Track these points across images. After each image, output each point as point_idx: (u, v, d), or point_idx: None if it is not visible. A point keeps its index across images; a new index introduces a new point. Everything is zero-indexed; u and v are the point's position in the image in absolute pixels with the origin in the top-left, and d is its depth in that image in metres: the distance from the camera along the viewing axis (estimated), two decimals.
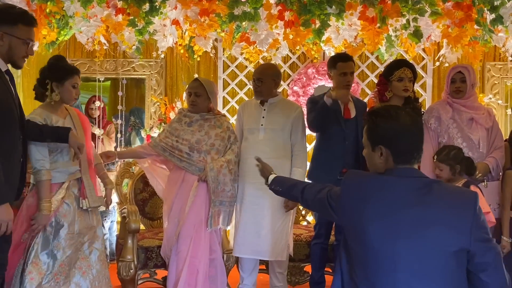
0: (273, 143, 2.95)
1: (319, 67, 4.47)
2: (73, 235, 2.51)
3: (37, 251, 2.42)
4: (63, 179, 2.53)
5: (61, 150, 2.53)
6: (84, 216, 2.58)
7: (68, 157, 2.54)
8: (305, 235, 3.28)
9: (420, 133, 1.55)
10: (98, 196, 2.64)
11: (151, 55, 4.56)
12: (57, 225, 2.47)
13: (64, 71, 2.53)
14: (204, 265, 2.80)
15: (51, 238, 2.46)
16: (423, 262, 1.40)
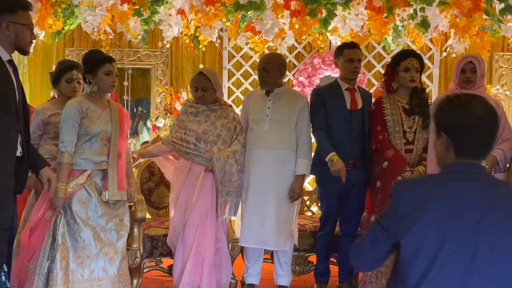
0: (278, 134, 2.95)
1: (325, 57, 4.45)
2: (93, 221, 2.57)
3: (64, 234, 2.51)
4: (86, 167, 2.60)
5: (90, 139, 2.59)
6: (106, 206, 2.63)
7: (97, 147, 2.61)
8: (310, 226, 3.29)
9: (492, 126, 1.35)
10: (120, 191, 2.65)
11: (157, 45, 4.56)
12: (77, 211, 2.54)
13: (94, 62, 2.61)
14: (210, 254, 2.82)
15: (72, 223, 2.53)
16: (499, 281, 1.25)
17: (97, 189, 2.61)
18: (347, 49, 3.02)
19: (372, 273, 2.90)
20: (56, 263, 2.47)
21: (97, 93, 2.64)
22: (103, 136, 2.61)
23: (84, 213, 2.56)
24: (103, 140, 2.62)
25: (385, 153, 2.90)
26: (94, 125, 2.57)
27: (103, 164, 2.62)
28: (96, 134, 2.58)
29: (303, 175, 2.98)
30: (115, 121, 2.67)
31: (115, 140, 2.65)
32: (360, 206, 3.08)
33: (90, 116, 2.59)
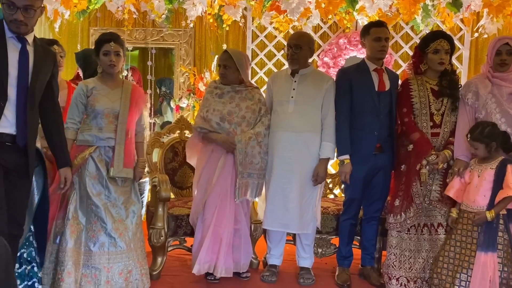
0: (303, 116, 2.90)
1: (351, 37, 4.34)
2: (104, 197, 2.65)
3: (76, 208, 2.60)
4: (93, 143, 2.67)
5: (95, 116, 2.67)
6: (115, 182, 2.69)
7: (102, 124, 2.68)
8: (333, 208, 3.27)
9: None
10: (126, 168, 2.69)
11: (180, 24, 4.54)
12: (89, 186, 2.62)
13: (96, 44, 2.71)
14: (228, 234, 2.83)
15: (85, 198, 2.62)
16: None
17: (106, 165, 2.68)
18: (374, 28, 2.94)
19: (396, 257, 2.87)
20: (66, 236, 2.55)
21: (106, 74, 2.72)
22: (109, 113, 2.68)
23: (95, 188, 2.64)
24: (108, 117, 2.68)
25: (410, 136, 2.84)
26: (98, 102, 2.66)
27: (109, 140, 2.68)
28: (100, 112, 2.66)
29: (327, 159, 2.94)
30: (124, 99, 2.72)
31: (123, 118, 2.69)
32: (384, 190, 3.04)
33: (94, 95, 2.68)
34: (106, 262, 2.61)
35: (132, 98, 2.76)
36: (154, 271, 2.98)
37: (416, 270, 2.85)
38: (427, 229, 2.87)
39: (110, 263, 2.61)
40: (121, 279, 2.64)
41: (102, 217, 2.61)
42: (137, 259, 2.71)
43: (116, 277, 2.63)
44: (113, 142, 2.68)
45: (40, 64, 2.20)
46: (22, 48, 2.14)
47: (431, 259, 2.85)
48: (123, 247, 2.65)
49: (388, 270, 2.89)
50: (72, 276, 2.51)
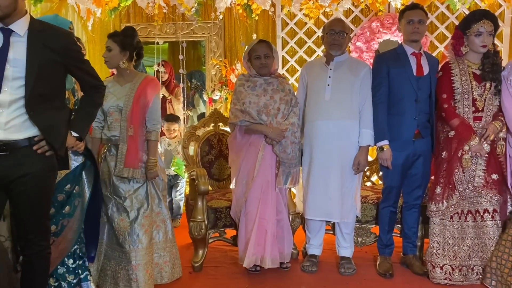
0: (341, 103, 2.87)
1: (384, 20, 4.21)
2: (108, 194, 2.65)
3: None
4: (104, 142, 2.72)
5: (105, 115, 2.68)
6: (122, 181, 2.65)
7: (109, 122, 2.67)
8: (372, 197, 3.23)
9: None
10: (128, 167, 2.61)
11: (210, 17, 4.53)
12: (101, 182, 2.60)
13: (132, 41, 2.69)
14: (272, 226, 2.85)
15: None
16: None
17: (114, 163, 2.64)
18: (407, 11, 2.87)
19: (439, 245, 2.81)
20: None
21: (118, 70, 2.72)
22: (114, 111, 2.65)
23: (105, 185, 2.65)
24: (114, 115, 2.65)
25: (450, 122, 2.76)
26: (105, 101, 2.60)
27: (115, 139, 2.65)
28: (105, 110, 2.66)
29: (367, 146, 2.90)
30: (128, 96, 2.64)
31: (125, 115, 2.62)
32: (425, 177, 2.97)
33: (106, 94, 2.56)
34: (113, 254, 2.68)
35: (137, 92, 2.65)
36: (196, 263, 3.04)
37: (461, 258, 2.79)
38: (472, 216, 2.79)
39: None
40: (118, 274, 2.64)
41: (109, 213, 2.63)
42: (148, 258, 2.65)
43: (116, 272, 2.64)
44: (117, 140, 2.64)
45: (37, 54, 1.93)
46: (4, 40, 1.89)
47: (476, 246, 2.78)
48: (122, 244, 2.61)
49: (431, 258, 2.83)
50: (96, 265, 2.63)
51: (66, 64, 2.03)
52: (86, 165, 2.36)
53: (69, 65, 2.05)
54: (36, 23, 1.98)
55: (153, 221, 2.73)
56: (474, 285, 2.77)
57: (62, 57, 2.00)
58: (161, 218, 2.79)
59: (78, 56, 2.11)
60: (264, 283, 2.84)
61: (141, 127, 2.67)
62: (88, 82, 2.17)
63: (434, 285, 2.79)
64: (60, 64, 2.01)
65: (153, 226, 2.72)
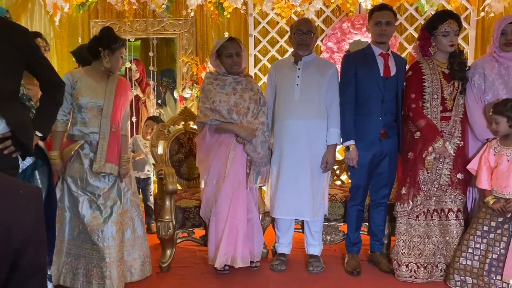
0: (310, 103, 2.88)
1: (355, 21, 4.25)
2: (80, 191, 2.62)
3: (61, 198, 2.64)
4: (78, 138, 2.66)
5: (79, 110, 2.64)
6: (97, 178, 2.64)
7: (86, 118, 2.64)
8: (340, 195, 3.26)
9: None
10: (108, 163, 2.62)
11: (181, 14, 4.49)
12: (71, 181, 2.64)
13: (117, 41, 2.67)
14: (243, 225, 2.84)
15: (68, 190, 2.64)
16: None
17: (91, 160, 2.64)
18: (375, 12, 2.89)
19: (405, 243, 2.86)
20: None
21: (95, 66, 2.70)
22: (92, 107, 2.63)
23: (75, 182, 2.63)
24: (92, 111, 2.63)
25: (417, 123, 2.80)
26: (82, 96, 2.61)
27: (93, 135, 2.64)
28: (83, 105, 2.62)
29: (335, 145, 2.93)
30: (109, 93, 2.66)
31: (107, 112, 2.64)
32: (391, 176, 3.02)
33: (78, 88, 2.63)
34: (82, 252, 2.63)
35: (117, 91, 2.70)
36: (163, 263, 3.00)
37: (426, 256, 2.84)
38: (437, 215, 2.85)
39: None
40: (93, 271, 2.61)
41: (80, 211, 2.60)
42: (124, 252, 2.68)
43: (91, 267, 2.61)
44: (97, 136, 2.64)
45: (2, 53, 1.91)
46: None
47: (441, 244, 2.84)
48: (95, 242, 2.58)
49: (397, 256, 2.88)
50: (55, 264, 2.57)
51: (28, 60, 1.98)
52: (38, 165, 2.28)
53: (30, 61, 2.00)
54: None
55: (123, 219, 2.71)
56: (438, 282, 2.83)
57: (24, 53, 1.96)
58: (129, 215, 2.77)
59: (39, 52, 2.07)
60: (232, 283, 2.83)
61: (120, 125, 2.72)
62: (50, 79, 2.13)
63: (400, 282, 2.84)
64: (22, 61, 1.97)
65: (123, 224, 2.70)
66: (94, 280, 2.57)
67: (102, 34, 2.70)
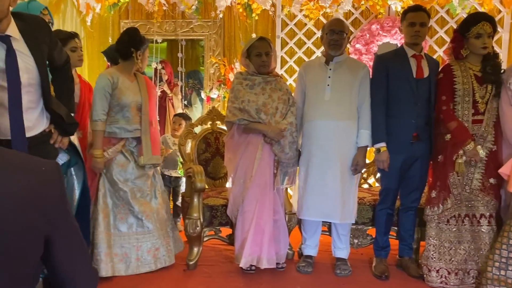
0: (340, 104, 2.85)
1: (384, 23, 4.21)
2: (131, 183, 2.85)
3: (105, 194, 2.80)
4: (122, 135, 2.84)
5: (122, 109, 2.79)
6: (141, 169, 2.89)
7: (129, 116, 2.83)
8: (369, 198, 3.22)
9: None
10: (155, 155, 2.90)
11: (210, 15, 4.52)
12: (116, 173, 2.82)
13: (146, 42, 2.88)
14: (269, 226, 2.82)
15: (113, 184, 2.81)
16: None
17: (132, 154, 2.88)
18: (409, 13, 2.85)
19: (435, 248, 2.80)
20: (99, 220, 2.75)
21: (131, 68, 2.87)
22: (134, 105, 2.82)
23: (122, 175, 2.83)
24: (134, 110, 2.83)
25: (447, 125, 2.75)
26: (124, 95, 2.78)
27: (136, 131, 2.86)
28: (127, 104, 2.79)
29: (365, 147, 2.89)
30: (144, 91, 2.89)
31: (145, 109, 2.87)
32: (422, 180, 2.96)
33: (120, 88, 2.78)
34: (135, 241, 2.81)
35: (148, 89, 2.93)
36: (190, 261, 3.01)
37: (457, 262, 2.77)
38: (469, 220, 2.78)
39: (139, 242, 2.82)
40: (150, 256, 2.85)
41: (130, 201, 2.81)
42: (163, 237, 2.90)
43: (145, 255, 2.83)
44: (139, 133, 2.86)
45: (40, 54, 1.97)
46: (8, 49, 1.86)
47: (472, 251, 2.77)
48: (150, 227, 2.86)
49: (427, 261, 2.82)
50: (108, 256, 2.71)
51: (49, 49, 2.06)
52: (72, 163, 2.32)
53: (50, 49, 2.07)
54: (15, 20, 1.92)
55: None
56: None
57: (48, 46, 2.04)
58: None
59: (56, 40, 2.14)
60: (259, 283, 2.82)
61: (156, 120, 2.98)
62: (61, 59, 2.20)
63: None
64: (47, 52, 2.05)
65: None
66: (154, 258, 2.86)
67: (133, 36, 2.82)
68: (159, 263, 2.88)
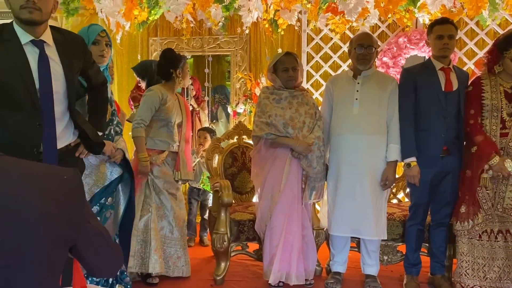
0: (369, 118, 2.82)
1: (412, 36, 4.17)
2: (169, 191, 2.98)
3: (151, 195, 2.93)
4: (163, 148, 2.98)
5: (167, 124, 2.94)
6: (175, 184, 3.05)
7: (172, 131, 2.98)
8: (398, 214, 3.15)
9: None
10: (189, 171, 3.06)
11: (236, 31, 4.58)
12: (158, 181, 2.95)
13: (181, 59, 3.01)
14: (298, 241, 2.80)
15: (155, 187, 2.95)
16: None
17: (171, 167, 3.03)
18: (437, 25, 2.81)
19: (468, 264, 2.72)
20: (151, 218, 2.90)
21: (173, 86, 3.01)
22: (176, 123, 2.99)
23: (163, 184, 2.95)
24: (175, 126, 3.01)
25: (474, 139, 2.70)
26: (171, 112, 2.93)
27: (175, 147, 3.00)
28: (172, 121, 2.94)
29: (395, 161, 2.84)
30: (184, 110, 3.08)
31: (184, 127, 3.06)
32: (453, 195, 2.88)
33: (168, 105, 2.92)
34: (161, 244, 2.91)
35: (186, 108, 3.12)
36: (218, 276, 3.00)
37: (491, 279, 2.68)
38: (502, 236, 2.69)
39: (164, 246, 2.93)
40: (170, 262, 2.94)
41: (168, 207, 2.95)
42: (183, 248, 3.01)
43: (167, 259, 2.93)
44: (177, 148, 3.00)
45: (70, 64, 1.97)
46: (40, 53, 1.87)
47: (507, 268, 2.67)
48: (176, 235, 2.96)
49: (460, 279, 2.73)
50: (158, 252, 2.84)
51: (83, 66, 2.07)
52: (124, 178, 2.41)
53: (85, 67, 2.09)
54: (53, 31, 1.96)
55: None
56: None
57: (82, 61, 2.05)
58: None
59: (91, 57, 2.17)
60: None
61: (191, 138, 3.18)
62: (98, 79, 2.22)
63: None
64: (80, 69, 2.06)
65: None
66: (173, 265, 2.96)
67: (169, 57, 2.97)
68: (176, 272, 2.96)
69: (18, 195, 0.88)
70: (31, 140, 1.82)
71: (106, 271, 1.18)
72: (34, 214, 0.88)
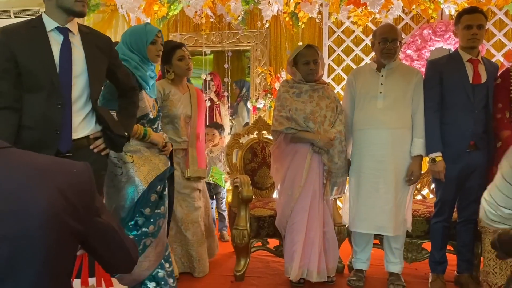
0: (394, 111, 2.74)
1: (437, 27, 4.04)
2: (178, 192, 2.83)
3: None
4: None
5: (172, 120, 2.85)
6: (187, 182, 2.92)
7: (178, 127, 2.87)
8: (423, 211, 3.06)
9: None
10: (200, 168, 2.92)
11: (255, 25, 4.54)
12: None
13: (166, 51, 2.76)
14: (319, 238, 2.74)
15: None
16: None
17: (179, 165, 2.88)
18: (465, 15, 2.69)
19: (496, 263, 2.61)
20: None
21: (176, 79, 2.89)
22: (183, 117, 2.86)
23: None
24: (183, 122, 2.88)
25: (499, 134, 2.59)
26: (175, 107, 2.82)
27: (184, 143, 2.89)
28: (177, 116, 2.83)
29: (420, 156, 2.75)
30: (194, 104, 2.93)
31: (194, 122, 2.91)
32: (481, 191, 2.74)
33: (171, 99, 2.83)
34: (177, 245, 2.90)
35: (199, 102, 2.95)
36: (238, 272, 2.98)
37: None
38: None
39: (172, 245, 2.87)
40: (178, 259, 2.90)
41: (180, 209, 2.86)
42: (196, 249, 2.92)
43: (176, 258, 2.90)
44: (186, 145, 2.90)
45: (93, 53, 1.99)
46: (64, 39, 1.91)
47: None
48: (188, 236, 2.89)
49: (487, 277, 2.63)
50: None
51: (110, 65, 2.08)
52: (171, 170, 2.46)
53: (112, 66, 2.10)
54: (79, 25, 2.01)
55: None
56: None
57: (108, 58, 2.06)
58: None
59: (118, 59, 2.17)
60: None
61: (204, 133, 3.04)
62: (127, 83, 2.22)
63: None
64: (106, 65, 2.06)
65: None
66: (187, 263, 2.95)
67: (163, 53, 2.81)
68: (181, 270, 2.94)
69: (24, 188, 0.88)
70: (53, 121, 1.85)
71: (121, 267, 1.16)
72: (40, 207, 0.87)
